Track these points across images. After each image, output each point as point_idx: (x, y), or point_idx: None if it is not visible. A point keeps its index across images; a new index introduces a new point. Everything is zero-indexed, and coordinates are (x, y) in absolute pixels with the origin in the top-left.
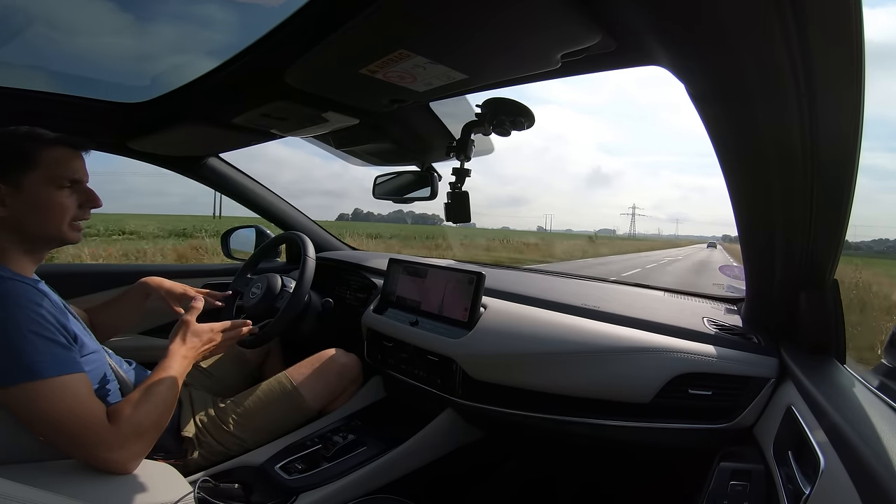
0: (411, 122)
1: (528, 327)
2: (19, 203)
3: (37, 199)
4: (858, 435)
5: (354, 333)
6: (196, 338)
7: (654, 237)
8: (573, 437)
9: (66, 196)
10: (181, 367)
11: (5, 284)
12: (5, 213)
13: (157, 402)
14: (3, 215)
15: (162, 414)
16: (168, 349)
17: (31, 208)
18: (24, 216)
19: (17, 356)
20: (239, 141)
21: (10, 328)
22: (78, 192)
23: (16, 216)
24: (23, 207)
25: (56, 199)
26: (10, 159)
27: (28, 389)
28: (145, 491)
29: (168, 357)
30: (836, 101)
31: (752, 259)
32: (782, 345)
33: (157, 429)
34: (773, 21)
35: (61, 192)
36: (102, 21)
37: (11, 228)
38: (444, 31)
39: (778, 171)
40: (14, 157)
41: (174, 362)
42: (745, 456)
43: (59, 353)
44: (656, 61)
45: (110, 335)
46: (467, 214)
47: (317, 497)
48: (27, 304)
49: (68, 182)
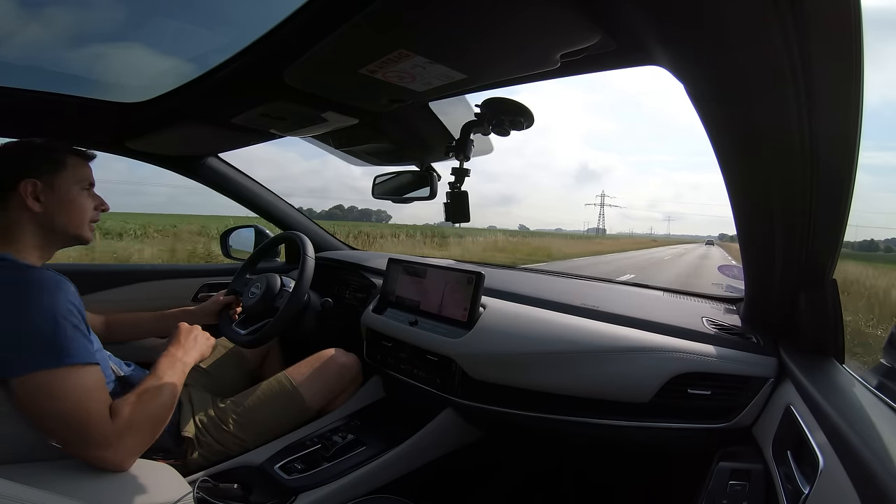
0: (410, 122)
1: (528, 327)
2: (52, 201)
3: (66, 198)
4: (857, 435)
5: (354, 333)
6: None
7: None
8: (573, 436)
9: (86, 197)
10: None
11: (38, 273)
12: (40, 209)
13: (153, 401)
14: (39, 211)
15: (157, 413)
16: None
17: (60, 206)
18: (55, 213)
19: (51, 341)
20: (238, 141)
21: (47, 314)
22: (91, 195)
23: (48, 213)
24: (54, 205)
25: (81, 200)
26: (45, 161)
27: (55, 374)
28: (145, 491)
29: (163, 357)
30: (835, 100)
31: (751, 259)
32: (781, 344)
33: (152, 428)
34: (772, 21)
35: (83, 193)
36: (101, 20)
37: (41, 224)
38: (443, 32)
39: (777, 170)
40: (48, 159)
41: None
42: (744, 455)
43: (85, 342)
44: (656, 61)
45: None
46: (466, 214)
47: (316, 497)
48: (61, 292)
49: (87, 185)
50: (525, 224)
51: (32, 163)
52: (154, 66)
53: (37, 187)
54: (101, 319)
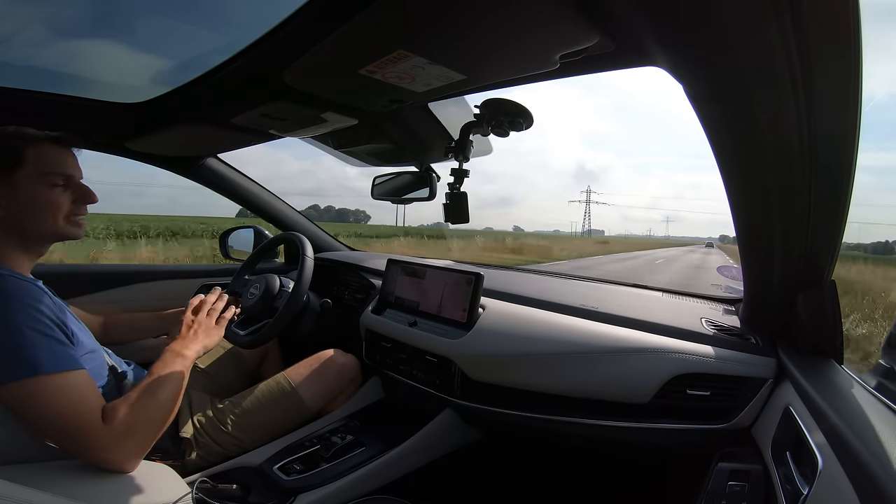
0: (410, 122)
1: (527, 328)
2: (14, 202)
3: (29, 196)
4: (856, 435)
5: (353, 334)
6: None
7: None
8: (572, 437)
9: (58, 193)
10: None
11: (4, 282)
12: (2, 212)
13: (151, 401)
14: (1, 215)
15: (157, 413)
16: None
17: (25, 206)
18: (20, 214)
19: (17, 353)
20: (237, 141)
21: (9, 325)
22: (72, 188)
23: (12, 215)
24: (17, 206)
25: (48, 197)
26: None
27: (28, 386)
28: (143, 492)
29: (164, 354)
30: (833, 101)
31: (750, 259)
32: (780, 345)
33: (153, 428)
34: (771, 21)
35: (53, 189)
36: (101, 20)
37: (9, 227)
38: (443, 32)
39: (776, 170)
40: (2, 157)
41: (167, 358)
42: (744, 456)
43: (59, 349)
44: (654, 62)
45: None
46: (466, 215)
47: (315, 498)
48: (27, 301)
49: (60, 179)
50: (520, 226)
51: None
52: (154, 66)
53: None
54: (99, 320)
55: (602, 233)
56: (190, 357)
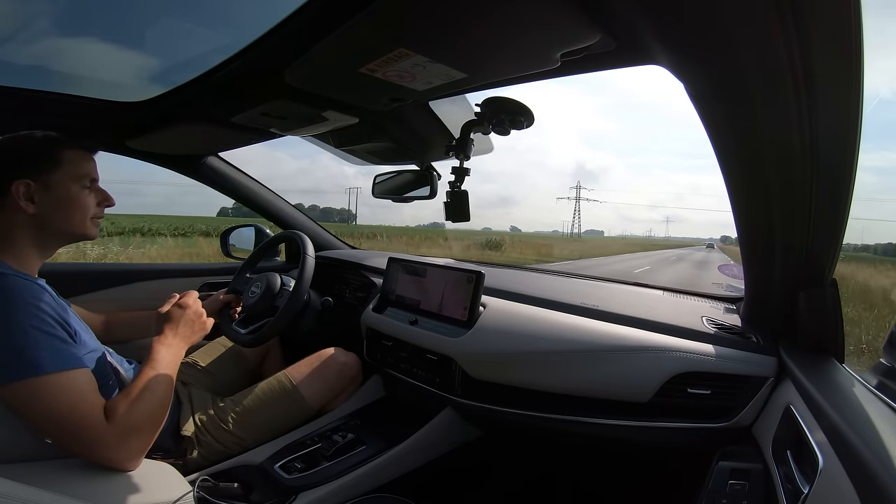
0: (411, 121)
1: (528, 326)
2: (48, 201)
3: (63, 196)
4: (857, 434)
5: (354, 332)
6: (170, 322)
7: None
8: (572, 436)
9: (86, 195)
10: (169, 357)
11: (6, 281)
12: (34, 210)
13: (151, 397)
14: (33, 212)
15: (157, 408)
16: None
17: (58, 205)
18: (52, 213)
19: (19, 352)
20: (238, 140)
21: (12, 324)
22: (95, 191)
23: (43, 213)
24: (51, 205)
25: (80, 197)
26: (38, 159)
27: (31, 385)
28: (145, 490)
29: (153, 350)
30: (835, 100)
31: (751, 258)
32: (781, 344)
33: (153, 424)
34: (772, 20)
35: (83, 190)
36: (101, 20)
37: (35, 225)
38: (443, 31)
39: (777, 169)
40: (41, 157)
41: (160, 354)
42: (744, 455)
43: (62, 348)
44: (656, 61)
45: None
46: (466, 214)
47: (316, 496)
48: (29, 300)
49: (88, 181)
50: (517, 226)
51: (24, 162)
52: (155, 65)
53: (30, 188)
54: (100, 319)
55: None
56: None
